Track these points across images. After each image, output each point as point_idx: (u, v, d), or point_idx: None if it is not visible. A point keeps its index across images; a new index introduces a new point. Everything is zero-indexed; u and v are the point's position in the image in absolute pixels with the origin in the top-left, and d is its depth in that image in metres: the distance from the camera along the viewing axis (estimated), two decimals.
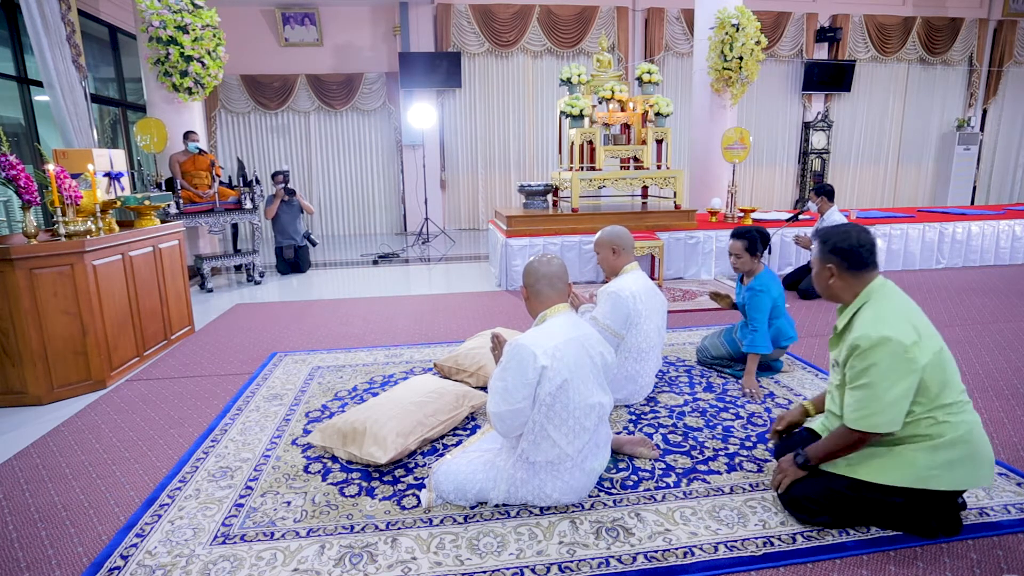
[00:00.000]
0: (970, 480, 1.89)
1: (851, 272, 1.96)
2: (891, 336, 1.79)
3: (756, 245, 3.22)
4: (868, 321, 1.86)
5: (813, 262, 2.08)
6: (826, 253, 1.99)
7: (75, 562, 1.92)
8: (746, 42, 6.97)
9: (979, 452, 1.87)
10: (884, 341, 1.79)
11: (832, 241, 1.99)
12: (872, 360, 1.81)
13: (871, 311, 1.89)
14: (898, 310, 1.88)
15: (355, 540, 1.99)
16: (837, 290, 2.00)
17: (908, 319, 1.85)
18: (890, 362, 1.79)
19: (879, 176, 11.36)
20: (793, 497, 2.03)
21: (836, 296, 2.02)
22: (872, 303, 1.92)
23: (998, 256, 6.73)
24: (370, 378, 3.48)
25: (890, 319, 1.84)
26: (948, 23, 10.65)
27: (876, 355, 1.80)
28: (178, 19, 5.93)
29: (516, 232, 5.78)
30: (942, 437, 1.84)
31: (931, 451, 1.85)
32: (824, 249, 2.00)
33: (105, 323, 3.49)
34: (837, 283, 1.99)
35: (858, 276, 1.96)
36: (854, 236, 1.97)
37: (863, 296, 1.95)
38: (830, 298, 2.05)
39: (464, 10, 9.34)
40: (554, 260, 2.19)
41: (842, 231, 2.00)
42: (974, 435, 1.86)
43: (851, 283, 1.97)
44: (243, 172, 6.52)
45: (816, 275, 2.05)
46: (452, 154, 10.00)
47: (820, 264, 2.02)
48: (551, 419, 2.02)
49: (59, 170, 3.43)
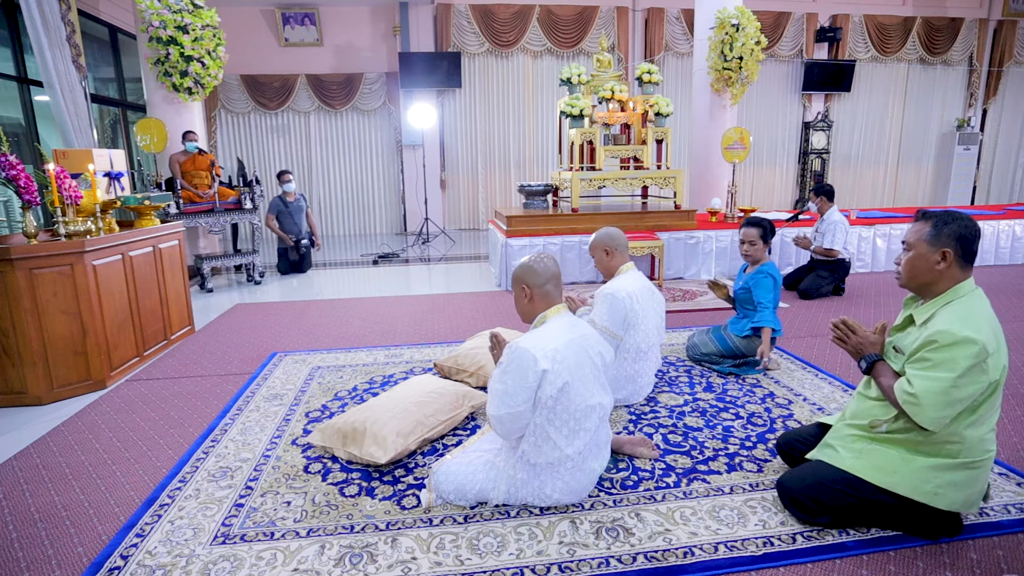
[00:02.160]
0: (965, 504, 1.89)
1: (962, 263, 1.84)
2: (977, 339, 1.71)
3: (769, 235, 3.37)
4: (956, 318, 1.77)
5: (917, 243, 1.87)
6: (946, 237, 1.82)
7: (75, 562, 1.92)
8: (746, 42, 6.97)
9: (981, 479, 1.88)
10: (969, 342, 1.71)
11: (956, 225, 1.82)
12: (950, 355, 1.73)
13: (960, 309, 1.80)
14: (987, 317, 1.80)
15: (355, 540, 1.99)
16: (938, 277, 1.85)
17: (994, 331, 1.78)
18: (967, 364, 1.72)
19: (879, 176, 11.36)
20: (794, 496, 2.03)
21: (929, 285, 1.87)
22: (962, 301, 1.83)
23: (998, 256, 6.73)
24: (370, 378, 3.48)
25: (979, 323, 1.76)
26: (948, 23, 10.65)
27: (956, 352, 1.72)
28: (178, 19, 5.93)
29: (516, 232, 5.78)
30: (958, 458, 1.83)
31: (942, 469, 1.84)
32: (944, 232, 1.83)
33: (105, 323, 3.49)
34: (944, 270, 1.83)
35: (965, 270, 1.85)
36: (976, 228, 1.84)
37: (954, 291, 1.84)
38: (919, 287, 1.90)
39: (464, 10, 9.34)
40: (550, 259, 2.19)
41: (965, 218, 1.85)
42: (985, 466, 1.86)
43: (956, 275, 1.84)
44: (243, 172, 6.52)
45: (920, 257, 1.86)
46: (452, 154, 10.00)
47: (933, 246, 1.84)
48: (552, 421, 2.02)
49: (59, 170, 3.43)
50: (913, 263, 1.88)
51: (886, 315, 4.71)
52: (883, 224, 6.46)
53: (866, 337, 2.00)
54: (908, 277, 1.91)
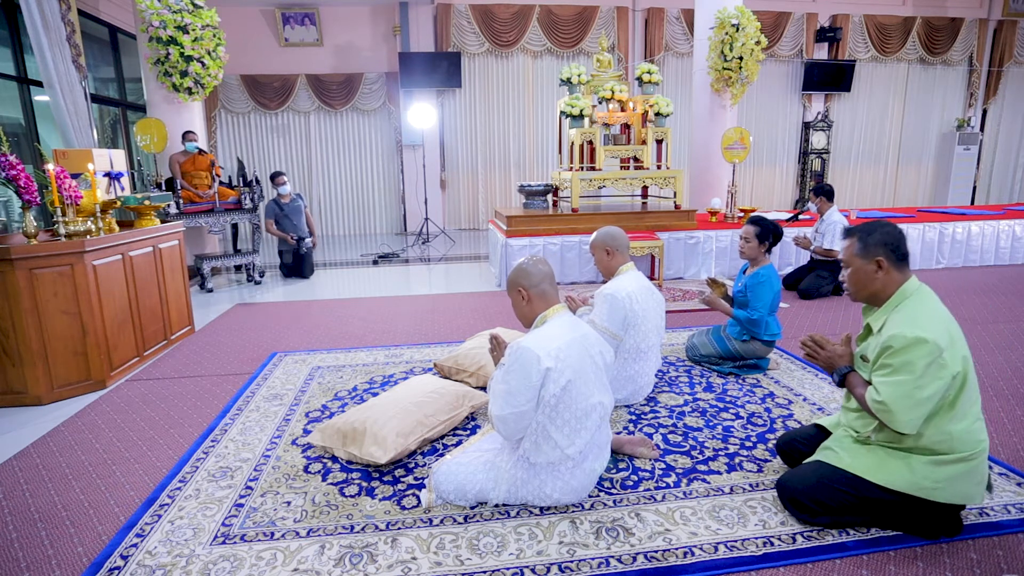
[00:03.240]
0: (967, 496, 1.89)
1: (898, 265, 1.90)
2: (927, 338, 1.75)
3: (767, 235, 3.32)
4: (905, 321, 1.82)
5: (850, 259, 1.96)
6: (873, 245, 1.90)
7: (75, 562, 1.92)
8: (746, 42, 6.97)
9: (980, 470, 1.88)
10: (920, 342, 1.76)
11: (879, 233, 1.91)
12: (906, 359, 1.77)
13: (908, 310, 1.86)
14: (934, 314, 1.84)
15: (355, 540, 1.99)
16: (881, 285, 1.92)
17: (944, 324, 1.82)
18: (924, 363, 1.75)
19: (879, 176, 11.36)
20: (794, 496, 2.03)
21: (876, 293, 1.94)
22: (909, 303, 1.88)
23: (998, 256, 6.73)
24: (370, 378, 3.48)
25: (926, 322, 1.80)
26: (948, 23, 10.65)
27: (911, 355, 1.77)
28: (178, 19, 5.93)
29: (516, 232, 5.78)
30: (952, 454, 1.84)
31: (939, 465, 1.85)
32: (871, 241, 1.91)
33: (105, 323, 3.49)
34: (883, 277, 1.91)
35: (902, 271, 1.91)
36: (895, 229, 1.91)
37: (900, 295, 1.90)
38: (868, 296, 1.97)
39: (464, 10, 9.34)
40: (542, 260, 2.21)
41: (886, 224, 1.92)
42: (980, 457, 1.86)
43: (896, 278, 1.91)
44: (243, 172, 6.52)
45: (858, 271, 1.94)
46: (452, 154, 10.00)
47: (865, 258, 1.92)
48: (554, 420, 2.02)
49: (59, 170, 3.43)
50: (854, 277, 1.98)
51: None
52: None
53: (834, 351, 2.06)
54: (855, 291, 2.00)
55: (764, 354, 3.43)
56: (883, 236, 1.91)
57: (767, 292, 3.25)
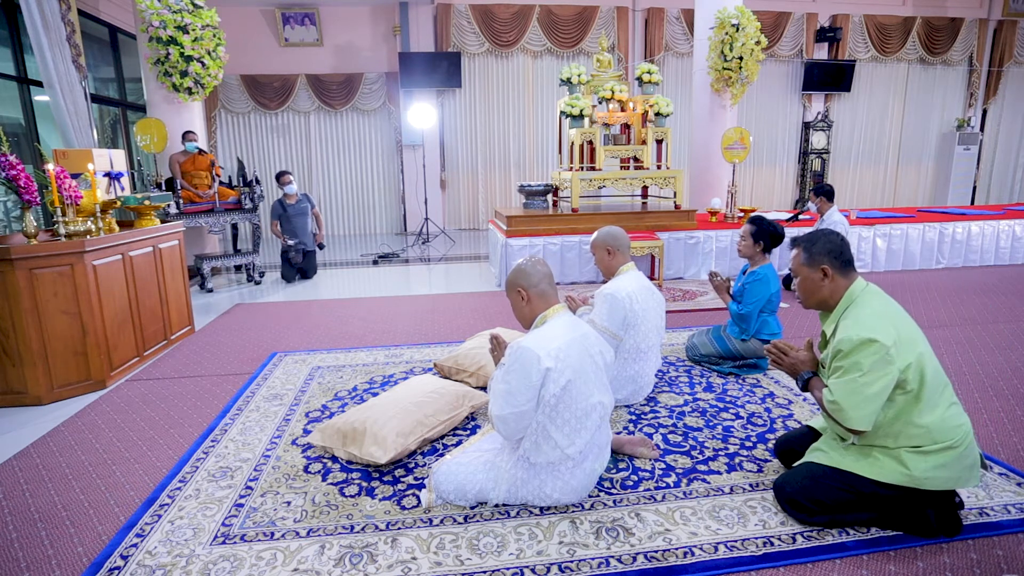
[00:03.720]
0: (960, 480, 1.91)
1: (843, 272, 2.00)
2: (873, 337, 1.82)
3: (763, 236, 3.33)
4: (852, 324, 1.90)
5: (798, 269, 2.06)
6: (817, 255, 2.01)
7: (75, 562, 1.92)
8: (746, 42, 6.97)
9: (968, 454, 1.90)
10: (866, 343, 1.83)
11: (820, 243, 2.02)
12: (855, 359, 1.85)
13: (854, 314, 1.93)
14: (880, 312, 1.91)
15: (355, 540, 1.99)
16: (829, 292, 2.01)
17: (891, 321, 1.89)
18: (871, 361, 1.82)
19: (879, 176, 11.36)
20: (791, 497, 2.03)
21: (826, 300, 2.03)
22: (855, 306, 1.96)
23: (998, 256, 6.73)
24: (370, 378, 3.48)
25: (871, 322, 1.87)
26: (948, 23, 10.65)
27: (858, 355, 1.84)
28: (178, 19, 5.93)
29: (516, 232, 5.78)
30: (935, 444, 1.87)
31: (924, 455, 1.88)
32: (814, 251, 2.02)
33: (105, 323, 3.49)
34: (830, 285, 2.00)
35: (847, 276, 2.00)
36: (836, 236, 2.03)
37: (847, 299, 1.99)
38: (819, 304, 2.06)
39: (464, 10, 9.33)
40: (540, 260, 2.21)
41: (829, 233, 2.05)
42: (965, 441, 1.89)
43: (841, 284, 2.00)
44: (243, 172, 6.52)
45: (806, 280, 2.05)
46: (452, 154, 10.00)
47: (811, 267, 2.02)
48: (553, 420, 2.02)
49: (59, 170, 3.43)
50: (804, 286, 2.07)
51: None
52: (883, 224, 6.47)
53: (796, 356, 2.13)
54: (805, 299, 2.09)
55: (764, 354, 3.43)
56: (826, 244, 2.01)
57: (762, 290, 3.28)
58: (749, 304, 3.30)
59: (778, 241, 3.36)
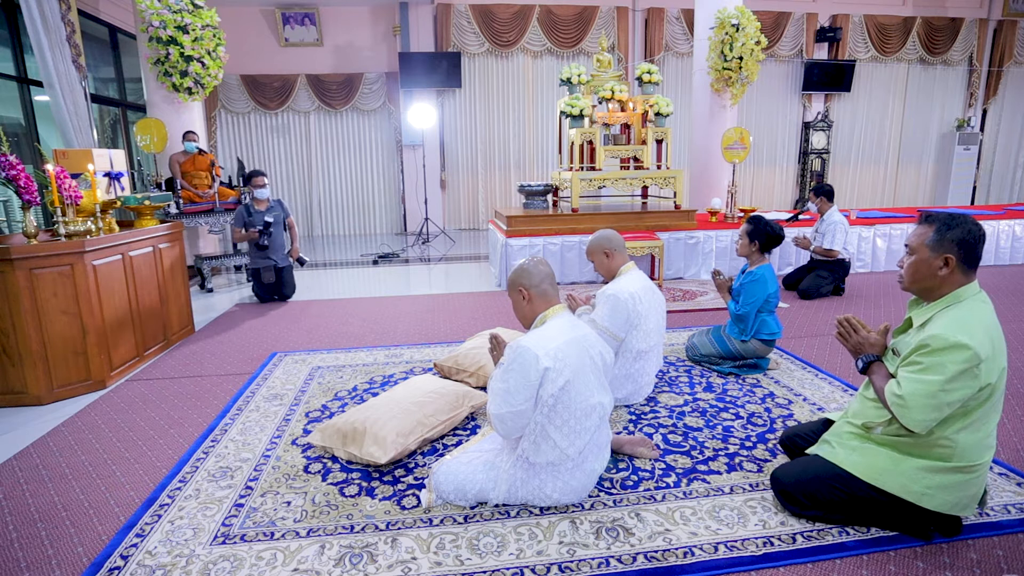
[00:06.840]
0: (957, 507, 1.87)
1: (965, 268, 1.80)
2: (969, 344, 1.68)
3: (759, 235, 3.33)
4: (952, 323, 1.74)
5: (918, 248, 1.84)
6: (949, 242, 1.78)
7: (75, 562, 1.92)
8: (746, 42, 6.97)
9: (976, 483, 1.86)
10: (961, 347, 1.69)
11: (960, 230, 1.78)
12: (939, 360, 1.71)
13: (958, 314, 1.77)
14: (985, 323, 1.76)
15: (355, 540, 1.99)
16: (940, 282, 1.82)
17: (990, 335, 1.74)
18: (957, 369, 1.69)
19: (879, 176, 11.35)
20: (785, 489, 2.04)
21: (932, 289, 1.84)
22: (962, 306, 1.79)
23: (998, 256, 6.73)
24: (370, 378, 3.48)
25: (973, 328, 1.72)
26: (948, 23, 10.65)
27: (946, 357, 1.70)
28: (178, 19, 5.93)
29: (516, 232, 5.78)
30: (949, 462, 1.82)
31: (932, 471, 1.84)
32: (948, 237, 1.78)
33: (105, 323, 3.49)
34: (946, 275, 1.80)
35: (968, 275, 1.81)
36: (978, 228, 1.79)
37: (954, 296, 1.81)
38: (922, 292, 1.88)
39: (464, 10, 9.33)
40: (542, 260, 2.21)
41: (970, 222, 1.79)
42: (980, 470, 1.84)
43: (958, 279, 1.80)
44: (243, 172, 6.52)
45: (921, 263, 1.83)
46: (452, 154, 10.00)
47: (935, 251, 1.79)
48: (552, 420, 2.02)
49: (59, 170, 3.43)
50: (915, 267, 1.85)
51: (885, 315, 4.71)
52: (883, 224, 6.46)
53: (867, 338, 2.01)
54: (910, 281, 1.89)
55: (764, 354, 3.43)
56: (962, 233, 1.77)
57: (759, 291, 3.28)
58: (746, 304, 3.31)
59: (775, 242, 3.35)
